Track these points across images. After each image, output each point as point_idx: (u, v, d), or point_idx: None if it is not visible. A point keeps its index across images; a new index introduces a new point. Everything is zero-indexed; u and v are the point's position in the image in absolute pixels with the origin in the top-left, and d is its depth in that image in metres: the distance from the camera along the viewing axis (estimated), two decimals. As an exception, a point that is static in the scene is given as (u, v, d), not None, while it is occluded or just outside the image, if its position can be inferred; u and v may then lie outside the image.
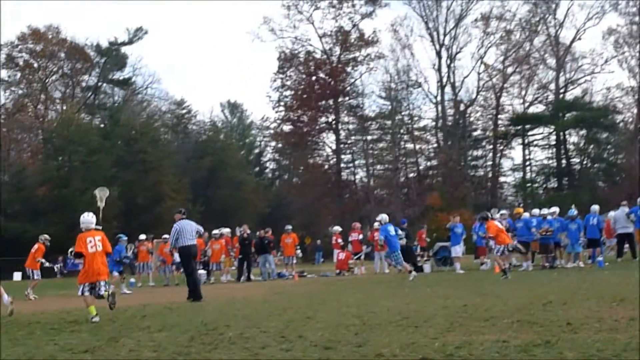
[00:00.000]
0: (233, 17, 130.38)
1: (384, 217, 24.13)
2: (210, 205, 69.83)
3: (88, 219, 14.41)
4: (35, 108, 76.80)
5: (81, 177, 61.53)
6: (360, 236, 31.74)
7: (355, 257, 30.36)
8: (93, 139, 64.04)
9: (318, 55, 77.36)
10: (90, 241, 13.75)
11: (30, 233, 41.17)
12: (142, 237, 31.35)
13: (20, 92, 76.29)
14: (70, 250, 14.24)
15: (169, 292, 23.31)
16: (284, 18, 76.31)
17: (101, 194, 21.20)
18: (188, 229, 18.02)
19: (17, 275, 41.42)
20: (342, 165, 78.51)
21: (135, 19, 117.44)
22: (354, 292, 17.70)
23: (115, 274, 23.93)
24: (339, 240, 31.21)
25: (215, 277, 30.38)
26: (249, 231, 30.11)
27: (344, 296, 16.33)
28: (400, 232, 25.25)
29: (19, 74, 75.48)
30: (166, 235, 31.67)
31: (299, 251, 32.21)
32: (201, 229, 19.21)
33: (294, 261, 31.23)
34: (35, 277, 24.10)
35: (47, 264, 25.18)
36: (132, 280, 28.98)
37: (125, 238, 25.27)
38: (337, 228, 32.79)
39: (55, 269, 44.59)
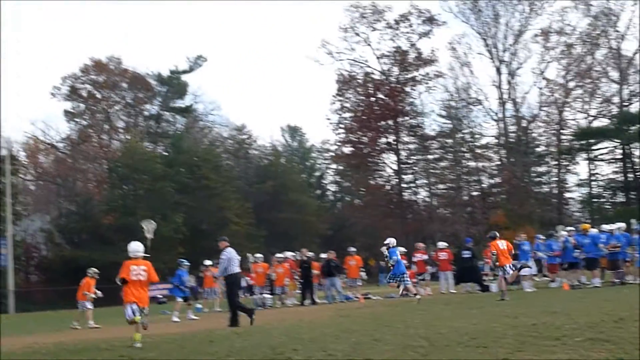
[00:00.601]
0: (291, 42, 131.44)
1: (392, 240, 24.76)
2: (273, 228, 70.18)
3: (135, 247, 14.81)
4: (99, 138, 78.11)
5: (146, 205, 62.38)
6: (425, 256, 31.50)
7: (420, 277, 30.16)
8: (156, 167, 64.87)
9: (376, 76, 77.37)
10: (134, 269, 14.28)
11: (98, 262, 41.82)
12: (208, 262, 31.54)
13: (84, 122, 77.64)
14: (117, 277, 14.56)
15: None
16: (342, 40, 76.50)
17: (148, 226, 21.58)
18: (234, 257, 18.35)
19: (87, 304, 42.03)
20: (404, 185, 78.16)
21: (195, 46, 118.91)
22: (420, 313, 17.59)
23: (179, 299, 24.20)
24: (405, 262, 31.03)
25: (281, 301, 30.45)
26: (308, 254, 30.12)
27: (410, 317, 16.24)
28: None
29: (82, 105, 76.84)
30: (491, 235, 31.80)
31: (363, 273, 32.13)
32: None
33: (359, 283, 31.14)
34: (87, 307, 24.59)
35: (98, 294, 25.53)
36: (199, 305, 29.25)
37: (187, 263, 25.45)
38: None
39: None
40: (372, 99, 76.63)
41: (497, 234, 24.02)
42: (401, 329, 13.38)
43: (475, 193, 76.11)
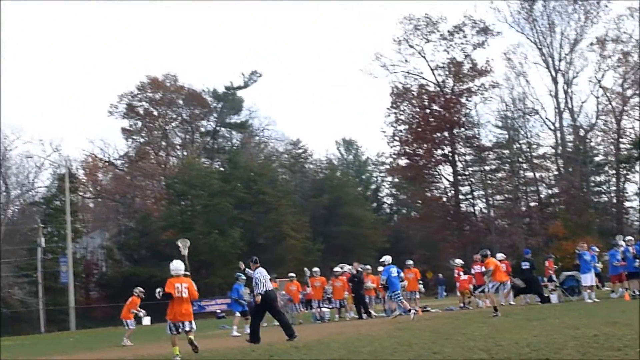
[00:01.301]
0: (345, 55, 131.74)
1: (387, 258, 25.63)
2: (330, 242, 70.26)
3: (177, 266, 16.03)
4: (156, 155, 79.07)
5: (203, 221, 63.05)
6: (484, 268, 31.16)
7: (479, 289, 29.85)
8: (213, 182, 65.42)
9: (431, 88, 77.22)
10: (178, 287, 15.35)
11: (157, 277, 42.27)
12: (266, 277, 31.61)
13: (141, 140, 78.66)
14: (158, 290, 15.56)
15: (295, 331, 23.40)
16: (396, 53, 76.52)
17: (183, 244, 21.97)
18: (266, 276, 18.60)
19: (145, 320, 42.47)
20: (461, 196, 77.76)
21: (250, 62, 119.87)
22: (479, 325, 17.44)
23: (237, 314, 24.35)
24: (461, 273, 30.75)
25: (339, 314, 30.41)
26: (359, 268, 30.01)
27: (469, 330, 16.10)
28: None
29: (139, 123, 77.90)
30: (292, 274, 32.00)
31: (421, 286, 31.92)
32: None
33: (417, 296, 30.93)
34: (130, 326, 25.11)
35: (141, 313, 25.95)
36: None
37: (244, 277, 25.54)
38: (459, 261, 32.36)
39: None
40: (427, 110, 76.47)
41: (489, 253, 24.67)
42: (461, 341, 13.28)
43: (533, 204, 75.38)
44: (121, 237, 68.91)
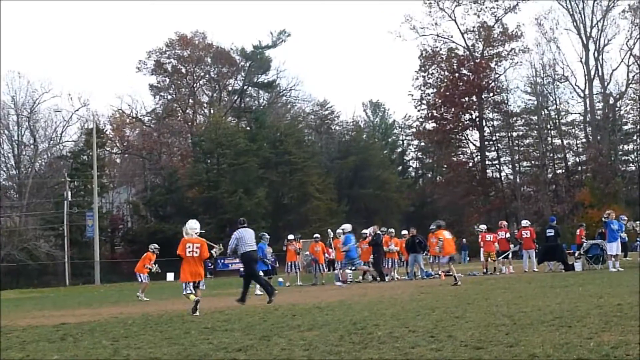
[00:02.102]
0: (374, 17, 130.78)
1: (347, 226, 26.52)
2: (355, 204, 70.32)
3: (192, 225, 15.94)
4: (184, 112, 79.16)
5: (229, 179, 63.22)
6: (508, 234, 31.11)
7: (503, 256, 29.81)
8: (240, 141, 65.50)
9: (460, 52, 76.68)
10: (189, 247, 15.39)
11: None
12: (290, 237, 31.71)
13: (169, 97, 78.77)
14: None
15: (317, 292, 23.54)
16: (426, 16, 76.11)
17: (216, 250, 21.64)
18: (247, 237, 18.36)
19: (170, 276, 42.89)
20: (487, 162, 77.48)
21: (278, 21, 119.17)
22: (502, 291, 17.41)
23: (260, 273, 24.47)
24: (487, 236, 30.58)
25: (363, 276, 30.45)
26: (378, 231, 29.99)
27: (492, 295, 16.09)
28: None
29: (167, 80, 77.94)
30: (317, 235, 32.06)
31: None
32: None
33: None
34: (144, 280, 25.60)
35: (154, 268, 26.31)
36: (280, 280, 29.47)
37: (268, 236, 25.67)
38: (483, 226, 32.26)
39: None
40: (456, 74, 75.96)
41: (443, 224, 25.04)
42: (483, 307, 13.27)
43: (560, 171, 74.91)
44: (147, 194, 69.29)
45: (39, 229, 62.08)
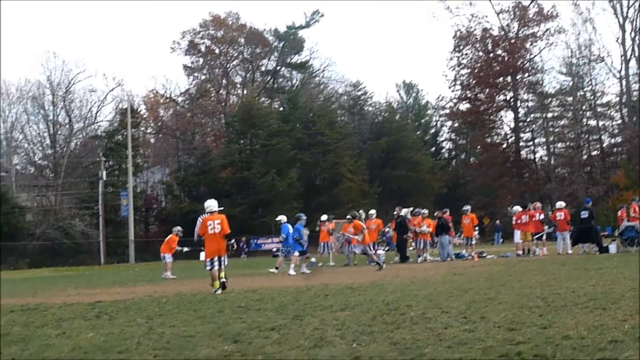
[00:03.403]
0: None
1: (283, 217, 26.75)
2: (387, 185, 70.18)
3: (211, 203, 16.51)
4: (217, 93, 79.32)
5: (262, 160, 63.38)
6: (542, 216, 30.91)
7: (537, 237, 29.66)
8: (273, 122, 65.57)
9: (495, 32, 76.04)
10: (211, 224, 15.90)
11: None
12: (324, 217, 31.78)
13: (202, 77, 78.97)
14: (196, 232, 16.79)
15: (350, 272, 23.60)
16: (460, -5, 75.30)
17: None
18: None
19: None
20: (521, 143, 76.85)
21: (312, 1, 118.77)
22: (535, 273, 17.36)
23: (296, 253, 24.55)
24: (519, 220, 30.43)
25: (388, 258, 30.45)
26: (402, 213, 29.93)
27: (525, 277, 16.06)
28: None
29: (201, 60, 78.12)
30: (350, 216, 32.06)
31: (476, 232, 31.77)
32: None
33: (473, 242, 30.86)
34: (168, 260, 26.19)
35: (185, 249, 27.04)
36: (313, 260, 29.56)
37: (304, 217, 25.71)
38: (517, 208, 32.09)
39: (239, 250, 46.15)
40: (490, 55, 75.39)
41: (358, 214, 26.07)
42: (516, 288, 13.25)
43: (595, 152, 74.09)
44: (181, 174, 69.63)
45: (74, 208, 62.71)
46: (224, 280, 15.72)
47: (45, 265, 48.40)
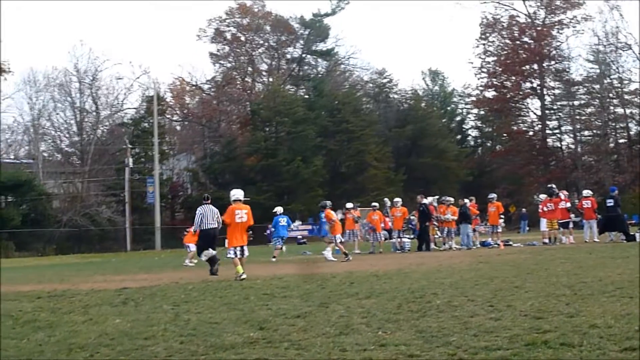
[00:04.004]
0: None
1: (279, 209, 27.99)
2: (412, 173, 70.03)
3: (237, 192, 16.96)
4: (243, 80, 79.39)
5: (287, 147, 63.50)
6: (568, 204, 30.73)
7: (562, 225, 29.49)
8: (298, 109, 65.61)
9: (522, 19, 75.56)
10: (238, 213, 16.28)
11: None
12: (349, 205, 31.73)
13: (228, 65, 79.06)
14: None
15: (375, 260, 23.61)
16: (487, -18, 74.80)
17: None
18: (209, 214, 18.77)
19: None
20: (548, 131, 76.43)
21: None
22: (562, 261, 17.26)
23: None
24: (545, 208, 30.24)
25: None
26: (423, 201, 29.85)
27: (552, 266, 15.97)
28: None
29: (227, 48, 78.18)
30: (375, 204, 32.05)
31: (502, 220, 31.63)
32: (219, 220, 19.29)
33: (499, 230, 30.76)
34: (192, 249, 25.96)
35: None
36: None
37: (330, 204, 25.86)
38: (543, 196, 31.92)
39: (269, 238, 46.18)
40: (517, 42, 74.93)
41: (327, 203, 25.86)
42: (543, 277, 13.18)
43: (622, 140, 73.54)
44: (206, 161, 69.86)
45: (101, 194, 63.09)
46: (244, 276, 15.73)
47: (72, 252, 48.86)
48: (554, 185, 32.07)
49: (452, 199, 31.02)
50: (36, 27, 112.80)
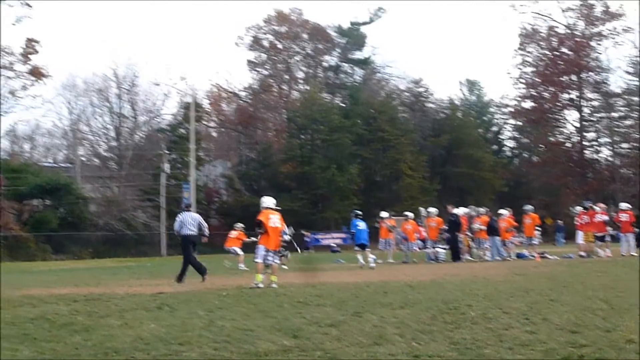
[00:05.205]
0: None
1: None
2: (447, 183, 69.84)
3: (270, 199, 17.17)
4: (279, 88, 79.73)
5: (323, 155, 63.58)
6: (605, 217, 30.41)
7: (598, 238, 29.19)
8: (334, 117, 65.65)
9: (560, 30, 75.10)
10: (272, 218, 16.44)
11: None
12: (384, 214, 31.68)
13: (265, 72, 79.40)
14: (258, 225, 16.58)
15: (408, 269, 23.55)
16: (526, -7, 74.56)
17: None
18: (189, 220, 19.58)
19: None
20: (585, 143, 75.85)
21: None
22: (599, 275, 17.11)
23: (357, 248, 24.80)
24: (581, 221, 29.97)
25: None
26: (453, 211, 29.73)
27: (588, 279, 15.83)
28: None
29: (264, 55, 78.53)
30: (408, 213, 31.99)
31: (537, 232, 31.37)
32: (205, 227, 20.39)
33: (535, 242, 30.53)
34: (240, 252, 27.33)
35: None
36: (372, 257, 29.51)
37: (360, 214, 26.11)
38: (580, 208, 31.64)
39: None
40: (556, 53, 74.49)
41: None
42: (579, 290, 13.08)
43: (661, 153, 72.69)
44: (242, 167, 70.15)
45: (137, 199, 63.56)
46: (259, 284, 15.79)
47: (107, 256, 49.19)
48: (590, 202, 31.80)
49: (483, 210, 30.90)
50: (76, 33, 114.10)
